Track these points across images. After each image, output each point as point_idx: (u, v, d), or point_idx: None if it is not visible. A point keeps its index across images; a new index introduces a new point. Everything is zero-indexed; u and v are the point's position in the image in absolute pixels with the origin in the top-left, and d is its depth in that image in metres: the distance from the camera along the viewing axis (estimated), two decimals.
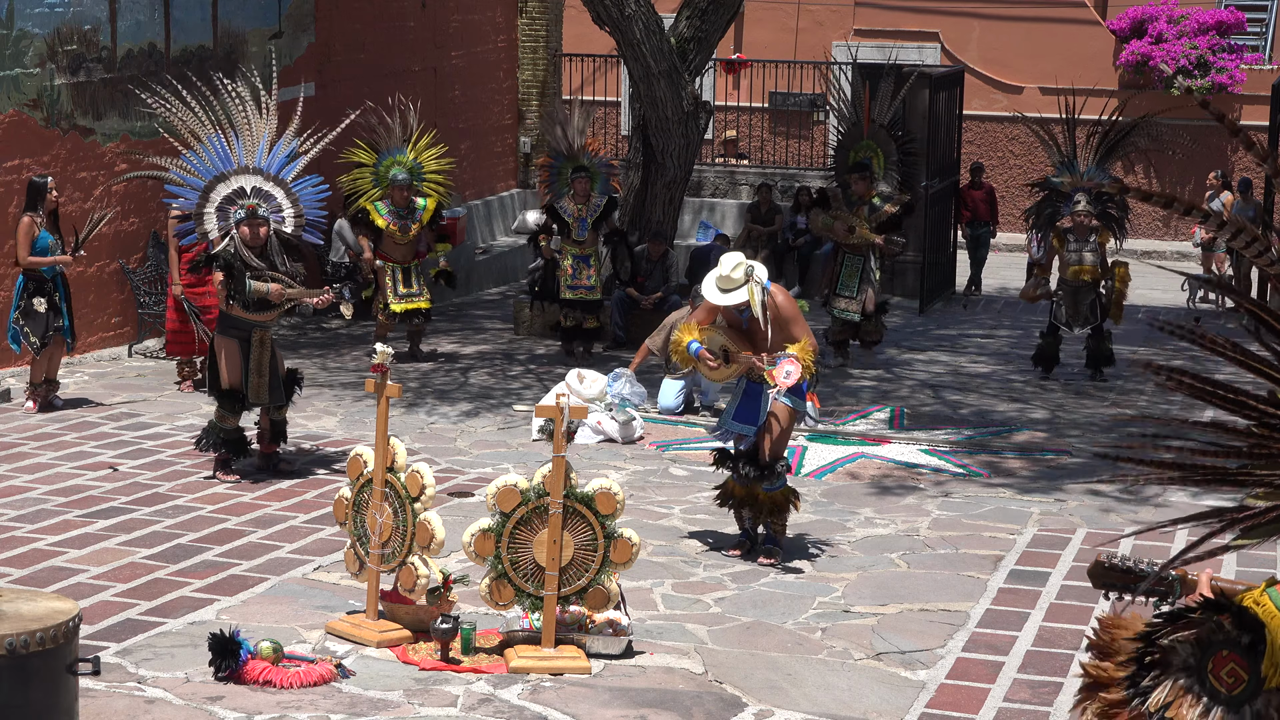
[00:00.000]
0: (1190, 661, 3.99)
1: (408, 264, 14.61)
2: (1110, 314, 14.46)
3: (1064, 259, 14.35)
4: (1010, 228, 25.48)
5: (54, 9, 13.79)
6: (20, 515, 9.44)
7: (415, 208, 14.57)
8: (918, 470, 11.21)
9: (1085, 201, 14.23)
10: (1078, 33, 25.57)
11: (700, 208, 21.44)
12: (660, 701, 6.91)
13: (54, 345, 12.24)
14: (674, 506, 10.13)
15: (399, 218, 14.46)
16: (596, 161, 15.15)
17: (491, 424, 12.36)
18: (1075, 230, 14.26)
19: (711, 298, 8.80)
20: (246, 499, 10.01)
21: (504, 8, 21.88)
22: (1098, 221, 14.35)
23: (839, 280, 14.71)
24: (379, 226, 14.46)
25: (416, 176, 14.62)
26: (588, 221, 15.00)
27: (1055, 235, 14.43)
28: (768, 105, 26.15)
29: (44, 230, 12.09)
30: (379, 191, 14.50)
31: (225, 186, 10.49)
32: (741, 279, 8.67)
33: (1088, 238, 14.27)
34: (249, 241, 10.31)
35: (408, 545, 7.44)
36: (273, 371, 10.53)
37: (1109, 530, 9.75)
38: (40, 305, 12.11)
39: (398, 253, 14.57)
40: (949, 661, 7.48)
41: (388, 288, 14.53)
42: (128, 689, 6.84)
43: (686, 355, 8.84)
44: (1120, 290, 14.42)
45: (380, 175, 14.53)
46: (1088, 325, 14.51)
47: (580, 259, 15.06)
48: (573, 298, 15.04)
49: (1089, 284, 14.38)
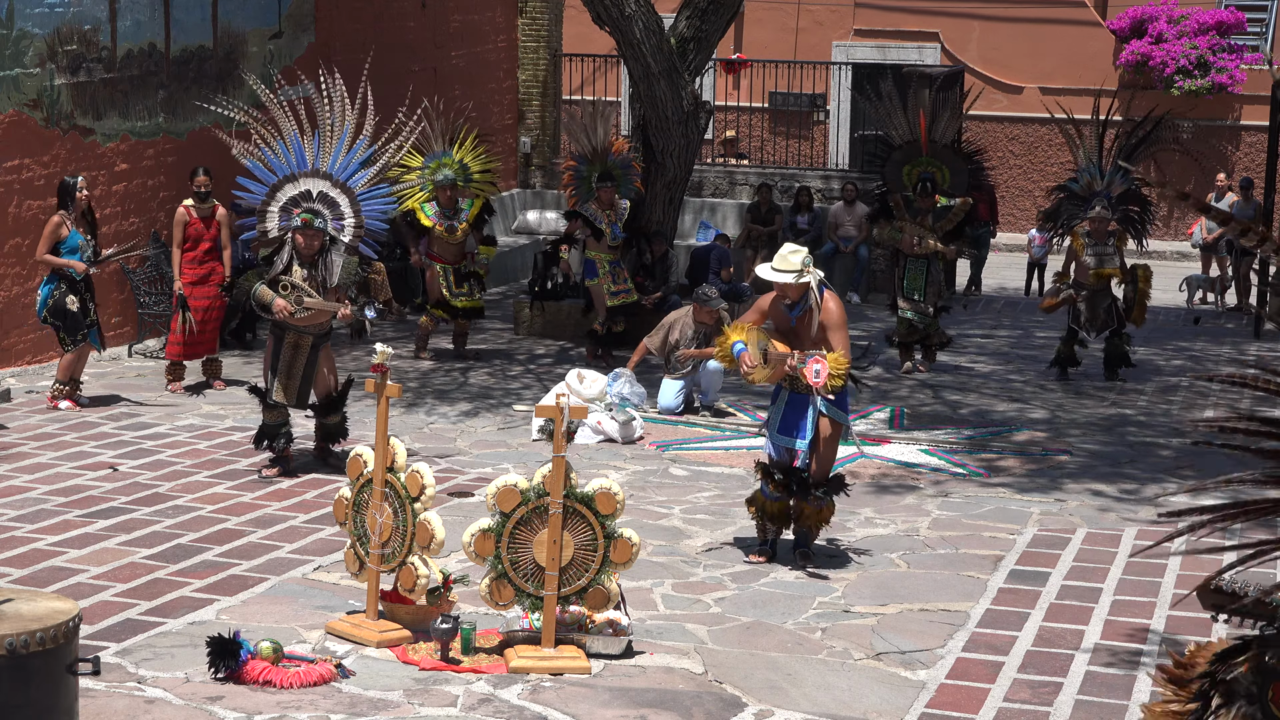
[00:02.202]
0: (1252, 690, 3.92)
1: (458, 264, 14.66)
2: (1132, 316, 14.45)
3: (1082, 263, 14.32)
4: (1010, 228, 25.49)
5: (54, 9, 13.79)
6: (20, 515, 9.44)
7: (461, 208, 14.61)
8: (917, 470, 11.21)
9: (1104, 204, 14.21)
10: (1078, 33, 25.58)
11: (700, 208, 21.44)
12: (660, 701, 6.91)
13: (86, 346, 12.30)
14: (674, 506, 10.13)
15: (445, 218, 14.52)
16: (619, 161, 15.14)
17: (491, 424, 12.36)
18: (1094, 234, 14.24)
19: (763, 273, 8.89)
20: (246, 499, 10.01)
21: (504, 8, 21.89)
22: (1117, 224, 14.33)
23: (904, 284, 14.73)
24: (426, 227, 14.53)
25: (463, 178, 14.67)
26: (619, 226, 15.01)
27: (1074, 239, 14.39)
28: (768, 105, 26.16)
29: (74, 230, 12.12)
30: (426, 194, 14.55)
31: (293, 187, 10.47)
32: (799, 266, 8.71)
33: (1106, 241, 14.26)
34: (301, 250, 10.36)
35: (408, 545, 7.44)
36: (305, 377, 10.59)
37: (1109, 530, 9.75)
38: (73, 304, 12.12)
39: (448, 253, 14.64)
40: (949, 661, 7.48)
41: (440, 287, 14.60)
42: (128, 689, 6.84)
43: (729, 354, 8.85)
44: (1143, 291, 14.41)
45: (427, 177, 14.59)
46: (1106, 329, 14.50)
47: (615, 264, 15.07)
48: (617, 304, 15.01)
49: (1107, 288, 14.37)
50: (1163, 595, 8.46)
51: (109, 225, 14.55)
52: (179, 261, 13.09)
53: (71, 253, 12.10)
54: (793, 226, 19.91)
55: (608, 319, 14.97)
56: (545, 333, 16.18)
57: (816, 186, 21.45)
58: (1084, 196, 14.51)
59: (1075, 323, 14.55)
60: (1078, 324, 14.54)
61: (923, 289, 14.67)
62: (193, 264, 13.12)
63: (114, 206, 14.64)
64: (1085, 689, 7.14)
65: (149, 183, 15.03)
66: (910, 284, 14.71)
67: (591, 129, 15.06)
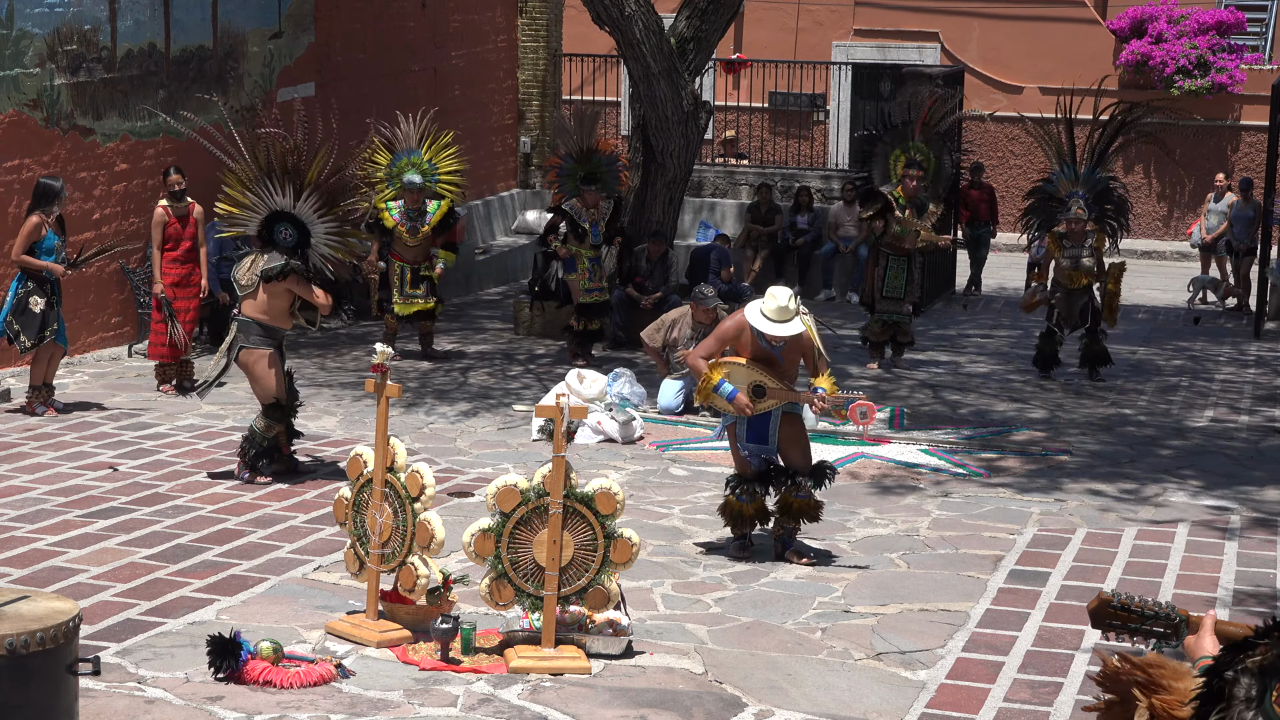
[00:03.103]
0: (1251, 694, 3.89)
1: (417, 265, 14.64)
2: (1104, 316, 14.45)
3: (1060, 263, 14.36)
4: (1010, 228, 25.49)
5: (54, 9, 13.79)
6: (20, 515, 9.44)
7: (426, 210, 14.59)
8: (917, 470, 11.22)
9: (1080, 205, 14.24)
10: (1078, 33, 25.58)
11: (700, 208, 21.45)
12: (660, 701, 6.91)
13: (50, 348, 12.18)
14: (674, 506, 10.13)
15: (409, 219, 14.49)
16: (605, 159, 15.15)
17: (491, 424, 12.36)
18: (1071, 235, 14.27)
19: (764, 328, 8.70)
20: (246, 499, 10.01)
21: (504, 8, 21.88)
22: (1093, 225, 14.36)
23: (885, 282, 14.70)
24: (388, 227, 14.50)
25: (430, 178, 14.63)
26: (600, 225, 15.02)
27: (1051, 239, 14.43)
28: (768, 105, 26.16)
29: (50, 232, 12.07)
30: (392, 192, 14.52)
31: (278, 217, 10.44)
32: (795, 310, 8.68)
33: (1084, 242, 14.28)
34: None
35: (408, 545, 7.44)
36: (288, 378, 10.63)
37: (1109, 530, 9.75)
38: (36, 305, 12.05)
39: (408, 254, 14.61)
40: (949, 661, 7.48)
41: (394, 287, 14.59)
42: (128, 689, 6.83)
43: (718, 398, 8.81)
44: (1113, 292, 14.41)
45: (394, 175, 14.55)
46: (1080, 328, 14.52)
47: (594, 261, 15.08)
48: (588, 301, 15.03)
49: (1084, 287, 14.39)
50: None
51: (109, 225, 14.56)
52: (159, 263, 13.03)
53: (47, 254, 12.03)
54: (793, 226, 19.92)
55: (581, 316, 14.98)
56: (545, 333, 16.18)
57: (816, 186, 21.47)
58: (1060, 198, 14.54)
59: (1051, 321, 14.61)
60: (1055, 323, 14.58)
61: (903, 288, 14.66)
62: (174, 264, 13.06)
63: (114, 206, 14.64)
64: (1085, 689, 7.13)
65: (149, 183, 15.02)
66: (891, 283, 14.69)
67: (577, 129, 15.08)
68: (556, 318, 16.23)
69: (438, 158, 14.80)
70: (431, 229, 14.60)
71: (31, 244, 12.00)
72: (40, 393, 12.20)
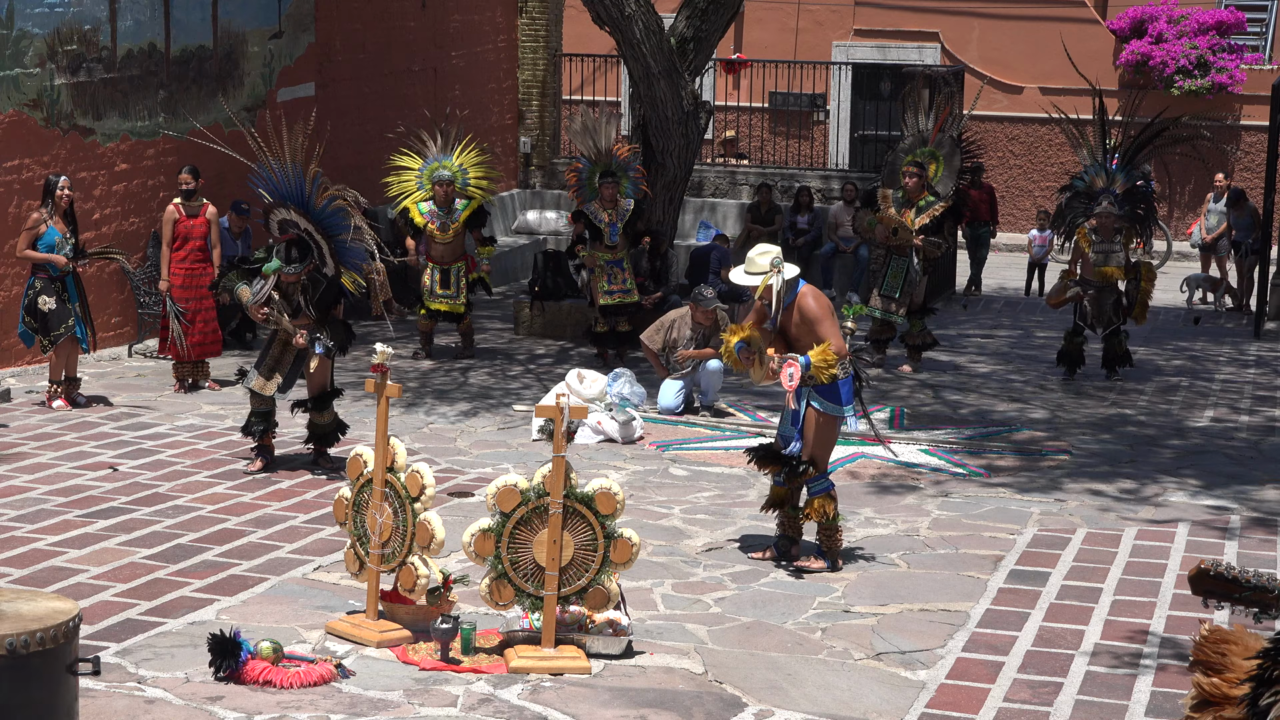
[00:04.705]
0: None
1: (448, 265, 14.69)
2: (1134, 314, 14.45)
3: (1089, 259, 14.32)
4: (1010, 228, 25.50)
5: (54, 9, 13.79)
6: (20, 515, 9.44)
7: (455, 208, 14.64)
8: (917, 470, 11.21)
9: (1110, 202, 14.21)
10: (1078, 32, 25.57)
11: (700, 208, 21.44)
12: (660, 701, 6.91)
13: (68, 344, 12.29)
14: (674, 506, 10.13)
15: (438, 217, 14.55)
16: (622, 164, 15.16)
17: (491, 424, 12.36)
18: (1101, 230, 14.25)
19: (735, 277, 8.95)
20: (246, 499, 10.01)
21: (504, 8, 21.89)
22: (1123, 222, 14.33)
23: (884, 281, 14.72)
24: (419, 225, 14.57)
25: (461, 182, 14.70)
26: (618, 226, 15.02)
27: (1081, 235, 14.38)
28: (768, 105, 26.16)
29: (51, 227, 12.13)
30: (423, 193, 14.61)
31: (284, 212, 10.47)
32: (765, 267, 8.70)
33: (1113, 238, 14.26)
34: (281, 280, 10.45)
35: (408, 545, 7.44)
36: (291, 371, 10.69)
37: (1109, 530, 9.75)
38: (45, 304, 12.14)
39: (439, 252, 14.65)
40: (949, 661, 7.48)
41: (425, 287, 14.65)
42: (128, 689, 6.84)
43: (733, 354, 8.90)
44: (1146, 289, 14.41)
45: (424, 178, 14.63)
46: (1110, 326, 14.50)
47: (613, 264, 15.07)
48: (610, 303, 15.02)
49: (1113, 285, 14.37)
50: (1163, 595, 8.46)
51: (109, 225, 14.56)
52: (168, 260, 13.09)
53: (47, 249, 12.13)
54: (793, 226, 19.91)
55: (602, 317, 14.99)
56: (545, 333, 16.18)
57: (816, 186, 21.46)
58: (1089, 195, 14.51)
59: (1081, 320, 14.55)
60: (1084, 321, 14.53)
61: (899, 289, 14.66)
62: (183, 263, 13.11)
63: (114, 206, 14.65)
64: (1085, 689, 7.14)
65: (149, 183, 15.03)
66: (889, 282, 14.70)
67: (596, 132, 15.08)
68: (557, 318, 16.23)
69: (468, 162, 14.87)
70: (462, 224, 14.67)
71: (33, 240, 12.09)
72: (62, 387, 12.28)
